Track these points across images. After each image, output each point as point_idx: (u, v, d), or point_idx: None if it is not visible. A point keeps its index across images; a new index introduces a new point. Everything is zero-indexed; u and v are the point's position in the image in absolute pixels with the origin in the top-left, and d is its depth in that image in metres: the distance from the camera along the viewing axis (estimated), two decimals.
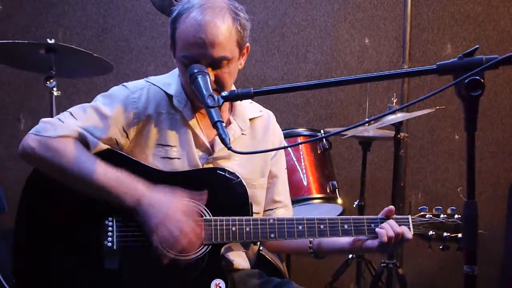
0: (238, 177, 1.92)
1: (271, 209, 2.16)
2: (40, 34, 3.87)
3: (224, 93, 1.64)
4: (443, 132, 4.08)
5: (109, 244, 1.85)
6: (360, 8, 4.05)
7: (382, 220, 1.92)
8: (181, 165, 1.96)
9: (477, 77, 1.35)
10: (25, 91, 3.94)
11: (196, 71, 1.80)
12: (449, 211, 1.96)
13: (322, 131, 3.14)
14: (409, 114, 3.17)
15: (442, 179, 4.09)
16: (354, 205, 3.43)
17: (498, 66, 1.38)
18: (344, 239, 1.98)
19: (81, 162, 1.85)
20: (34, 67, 3.20)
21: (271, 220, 1.89)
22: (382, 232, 1.87)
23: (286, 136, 2.95)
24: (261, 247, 2.27)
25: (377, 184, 4.01)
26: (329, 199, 3.01)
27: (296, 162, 2.99)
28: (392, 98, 3.28)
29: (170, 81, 2.04)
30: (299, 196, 2.93)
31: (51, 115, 3.01)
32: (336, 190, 3.04)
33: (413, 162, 4.09)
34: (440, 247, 1.94)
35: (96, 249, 1.85)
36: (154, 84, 2.02)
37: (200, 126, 2.02)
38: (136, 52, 4.02)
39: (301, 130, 3.12)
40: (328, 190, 3.01)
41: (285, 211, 2.18)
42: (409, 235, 1.90)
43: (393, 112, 3.03)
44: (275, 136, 2.19)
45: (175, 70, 2.05)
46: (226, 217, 1.87)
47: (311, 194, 2.96)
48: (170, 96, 2.00)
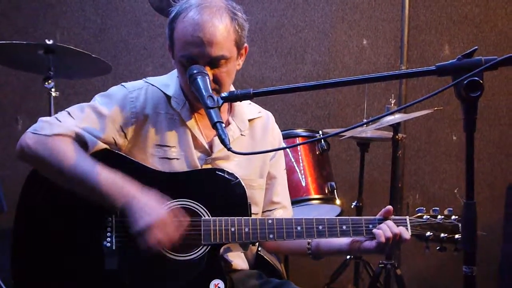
0: (237, 178, 1.91)
1: (270, 210, 2.16)
2: (38, 35, 3.87)
3: (224, 94, 1.64)
4: (441, 133, 4.09)
5: (108, 245, 1.85)
6: (358, 9, 4.05)
7: (380, 221, 1.92)
8: (180, 166, 1.96)
9: (476, 78, 1.35)
10: (23, 92, 3.94)
11: (196, 72, 1.80)
12: (446, 212, 1.96)
13: (321, 132, 3.15)
14: (407, 115, 3.17)
15: (440, 180, 4.09)
16: (352, 206, 3.44)
17: (497, 67, 1.38)
18: (342, 240, 1.98)
19: (76, 161, 1.83)
20: (32, 68, 3.19)
21: (270, 221, 1.89)
22: (379, 233, 1.88)
23: (285, 137, 2.95)
24: (260, 248, 2.27)
25: (375, 185, 4.01)
26: (328, 200, 3.02)
27: (295, 163, 3.00)
28: (390, 99, 3.29)
29: (169, 82, 2.03)
30: (298, 197, 2.93)
31: (49, 116, 2.99)
32: (335, 191, 3.04)
33: (411, 163, 4.09)
34: (438, 248, 1.94)
35: (95, 250, 1.85)
36: (153, 85, 2.02)
37: (199, 127, 2.02)
38: (134, 53, 4.02)
39: (300, 131, 3.12)
40: (327, 191, 3.01)
41: (284, 212, 2.17)
42: (407, 236, 1.90)
43: (392, 113, 3.03)
44: (274, 137, 2.18)
45: (174, 71, 2.04)
46: (225, 218, 1.86)
47: (310, 195, 2.96)
48: (169, 97, 2.00)
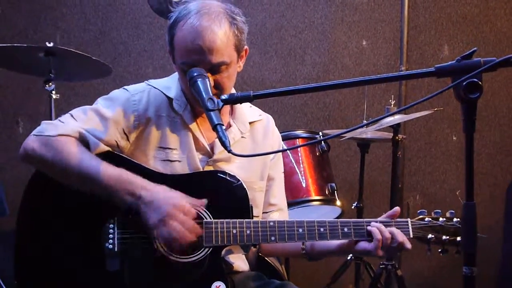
0: (239, 180, 1.91)
1: (266, 212, 2.16)
2: (39, 37, 3.87)
3: (224, 96, 1.64)
4: (441, 134, 4.09)
5: (110, 246, 1.85)
6: (358, 10, 4.06)
7: (382, 224, 1.92)
8: (182, 168, 1.96)
9: (475, 80, 1.36)
10: (24, 94, 3.94)
11: (196, 75, 1.80)
12: (448, 215, 1.96)
13: (321, 133, 3.15)
14: (407, 116, 3.17)
15: (440, 181, 4.10)
16: (353, 207, 3.44)
17: (496, 69, 1.39)
18: (338, 240, 1.97)
19: (82, 160, 1.84)
20: (33, 70, 3.20)
21: (272, 223, 1.89)
22: (374, 230, 1.89)
23: (285, 139, 2.95)
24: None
25: (375, 186, 4.01)
26: (328, 201, 3.02)
27: (295, 164, 3.00)
28: (390, 100, 3.29)
29: (170, 85, 2.04)
30: (298, 198, 2.93)
31: (50, 118, 3.01)
32: (335, 192, 3.04)
33: (411, 164, 4.10)
34: (439, 251, 1.94)
35: (97, 251, 1.85)
36: (155, 87, 2.03)
37: (200, 129, 2.03)
38: (135, 55, 4.03)
39: (300, 132, 3.13)
40: (327, 192, 3.01)
41: (280, 215, 2.17)
42: (408, 245, 1.91)
43: (392, 114, 3.04)
44: (274, 140, 2.19)
45: (175, 74, 2.05)
46: (227, 220, 1.87)
47: (310, 196, 2.97)
48: (170, 99, 2.00)
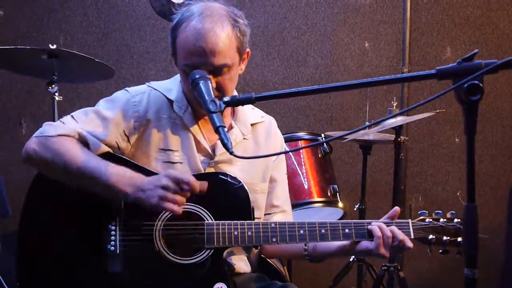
0: (240, 182, 1.92)
1: (269, 214, 2.16)
2: (42, 39, 3.88)
3: (226, 99, 1.64)
4: (443, 135, 4.09)
5: (112, 248, 1.86)
6: (360, 12, 4.06)
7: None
8: (183, 170, 1.96)
9: (476, 82, 1.35)
10: (27, 96, 3.95)
11: (198, 77, 1.81)
12: (449, 215, 1.96)
13: (323, 135, 3.16)
14: (409, 118, 3.18)
15: (443, 182, 4.09)
16: (355, 209, 3.44)
17: (497, 71, 1.38)
18: (339, 241, 1.97)
19: (82, 158, 1.85)
20: (36, 73, 3.22)
21: (273, 225, 1.90)
22: (375, 229, 1.89)
23: (287, 140, 2.96)
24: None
25: (378, 188, 4.01)
26: (330, 203, 3.02)
27: (297, 166, 3.00)
28: (392, 102, 3.29)
29: (171, 87, 2.05)
30: (300, 200, 2.94)
31: (53, 120, 3.01)
32: (337, 194, 3.04)
33: (414, 165, 4.09)
34: (440, 251, 1.94)
35: (99, 253, 1.86)
36: (156, 89, 2.03)
37: (202, 131, 2.03)
38: (137, 57, 4.03)
39: (302, 134, 3.13)
40: (329, 194, 3.02)
41: (283, 216, 2.17)
42: (410, 244, 1.90)
43: (394, 116, 3.04)
44: (277, 142, 2.19)
45: (177, 76, 2.06)
46: (228, 222, 1.87)
47: (312, 198, 2.97)
48: (171, 101, 2.01)
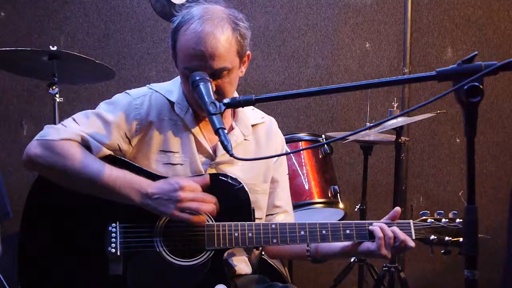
0: (241, 183, 1.92)
1: (272, 214, 2.17)
2: (43, 41, 3.89)
3: (226, 100, 1.64)
4: (444, 136, 4.09)
5: (113, 250, 1.86)
6: (361, 13, 4.06)
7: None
8: (184, 171, 1.97)
9: (476, 83, 1.35)
10: (28, 98, 3.96)
11: (198, 79, 1.81)
12: (451, 215, 1.96)
13: (324, 136, 3.16)
14: (410, 119, 3.18)
15: (444, 183, 4.09)
16: (356, 209, 3.44)
17: (497, 72, 1.38)
18: (342, 242, 1.98)
19: (85, 163, 1.85)
20: (37, 74, 3.22)
21: (273, 226, 1.90)
22: (376, 229, 1.89)
23: (288, 141, 2.96)
24: (263, 252, 2.28)
25: (379, 188, 4.01)
26: (331, 204, 3.02)
27: (298, 167, 3.01)
28: (393, 103, 3.29)
29: (172, 89, 2.05)
30: (301, 201, 2.94)
31: (54, 121, 3.02)
32: (338, 195, 3.04)
33: (414, 166, 4.09)
34: (442, 252, 1.94)
35: (100, 255, 1.86)
36: (157, 91, 2.04)
37: (203, 132, 2.03)
38: (138, 58, 4.04)
39: (303, 135, 3.13)
40: (330, 195, 3.02)
41: (285, 217, 2.18)
42: (411, 244, 1.91)
43: (395, 117, 3.04)
44: (278, 142, 2.19)
45: (178, 78, 2.06)
46: (229, 223, 1.88)
47: (313, 199, 2.97)
48: (172, 103, 2.01)
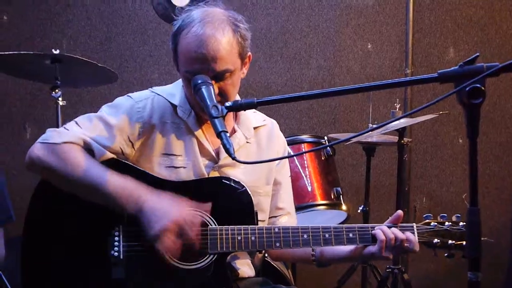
0: (243, 186, 1.92)
1: (275, 216, 2.16)
2: (45, 44, 3.89)
3: (228, 103, 1.64)
4: (447, 137, 4.08)
5: (116, 254, 1.86)
6: (363, 14, 4.06)
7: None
8: (187, 174, 1.97)
9: (478, 85, 1.35)
10: (31, 101, 3.97)
11: (200, 82, 1.81)
12: (454, 219, 1.95)
13: (326, 138, 3.16)
14: (413, 120, 3.17)
15: (447, 183, 4.09)
16: (359, 211, 3.43)
17: (499, 74, 1.38)
18: (347, 246, 1.98)
19: (86, 168, 1.85)
20: (40, 77, 3.23)
21: (276, 229, 1.90)
22: (379, 232, 1.89)
23: (290, 143, 2.95)
24: (266, 255, 2.27)
25: (382, 189, 4.01)
26: (334, 206, 3.02)
27: (300, 169, 3.00)
28: (395, 104, 3.29)
29: (175, 92, 2.05)
30: (304, 203, 2.93)
31: (57, 124, 3.03)
32: (341, 196, 3.03)
33: (417, 167, 4.09)
34: (446, 255, 1.93)
35: (103, 259, 1.86)
36: (159, 94, 2.04)
37: (205, 135, 2.03)
38: (140, 61, 4.04)
39: (305, 137, 3.12)
40: (333, 196, 3.01)
41: (289, 219, 2.17)
42: (416, 248, 1.91)
43: (398, 119, 3.04)
44: (279, 145, 2.19)
45: (179, 81, 2.06)
46: (232, 226, 1.87)
47: (316, 201, 2.97)
48: (175, 106, 2.01)
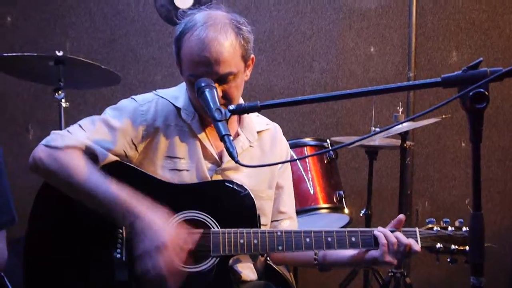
0: (246, 190, 1.92)
1: (277, 220, 2.16)
2: (49, 46, 3.90)
3: (232, 107, 1.63)
4: (449, 140, 4.08)
5: (119, 256, 1.86)
6: (365, 17, 4.06)
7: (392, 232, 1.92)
8: (190, 177, 1.97)
9: (482, 90, 1.35)
10: (34, 102, 3.98)
11: (204, 85, 1.81)
12: (457, 224, 1.94)
13: (328, 141, 3.15)
14: (415, 123, 3.17)
15: (449, 187, 4.08)
16: (361, 214, 3.43)
17: (503, 78, 1.38)
18: (350, 251, 1.97)
19: (84, 176, 1.85)
20: (43, 79, 3.24)
21: (279, 233, 1.90)
22: (380, 235, 1.89)
23: (293, 146, 2.95)
24: (268, 258, 2.27)
25: (384, 193, 4.00)
26: (336, 209, 3.02)
27: (303, 172, 3.00)
28: (398, 107, 3.29)
29: (178, 94, 2.05)
30: (306, 206, 2.94)
31: (60, 126, 3.03)
32: (343, 200, 3.04)
33: (420, 171, 4.08)
34: (448, 260, 1.92)
35: (106, 261, 1.86)
36: (163, 97, 2.04)
37: (209, 138, 2.03)
38: (143, 63, 4.05)
39: (308, 140, 3.13)
40: (335, 200, 3.01)
41: (291, 223, 2.18)
42: (417, 248, 1.89)
43: (401, 123, 3.03)
44: (282, 149, 2.20)
45: (183, 84, 2.06)
46: (234, 229, 1.87)
47: (318, 204, 2.97)
48: (178, 109, 2.02)
